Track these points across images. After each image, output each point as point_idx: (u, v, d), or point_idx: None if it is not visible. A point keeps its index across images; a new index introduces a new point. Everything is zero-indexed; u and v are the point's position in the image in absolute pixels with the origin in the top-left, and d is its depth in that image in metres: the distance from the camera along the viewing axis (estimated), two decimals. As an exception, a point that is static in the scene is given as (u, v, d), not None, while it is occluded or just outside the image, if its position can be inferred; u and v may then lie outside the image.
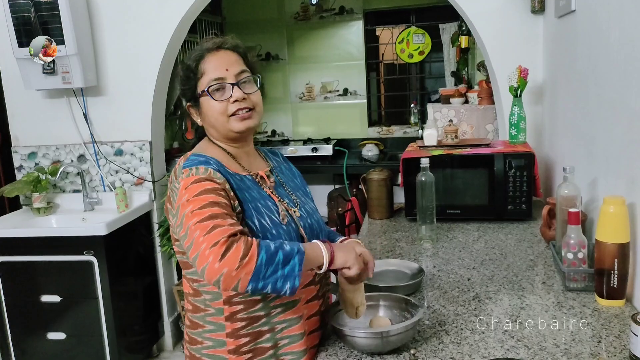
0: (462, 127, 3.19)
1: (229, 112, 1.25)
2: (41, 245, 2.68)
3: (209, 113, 1.27)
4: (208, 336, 1.26)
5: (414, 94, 4.64)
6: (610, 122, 1.59)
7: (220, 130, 1.28)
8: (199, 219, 1.10)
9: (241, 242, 1.07)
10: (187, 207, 1.14)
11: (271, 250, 1.09)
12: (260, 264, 1.07)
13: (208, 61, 1.26)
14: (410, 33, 4.36)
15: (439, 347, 1.24)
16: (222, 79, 1.25)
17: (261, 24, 4.50)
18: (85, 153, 3.07)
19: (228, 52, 1.28)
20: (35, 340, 2.79)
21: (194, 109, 1.32)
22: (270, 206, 1.26)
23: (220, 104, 1.25)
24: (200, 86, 1.27)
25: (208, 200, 1.13)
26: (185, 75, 1.29)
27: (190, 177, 1.17)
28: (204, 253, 1.06)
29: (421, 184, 1.90)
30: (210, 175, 1.18)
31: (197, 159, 1.23)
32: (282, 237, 1.22)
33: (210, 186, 1.15)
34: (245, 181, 1.27)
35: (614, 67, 1.55)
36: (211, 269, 1.05)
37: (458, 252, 1.87)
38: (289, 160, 1.56)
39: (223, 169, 1.23)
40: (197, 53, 1.28)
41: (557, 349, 1.20)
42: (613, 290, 1.38)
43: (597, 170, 1.71)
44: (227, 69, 1.26)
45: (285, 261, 1.10)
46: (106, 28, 2.94)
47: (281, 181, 1.38)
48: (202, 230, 1.09)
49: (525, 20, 2.59)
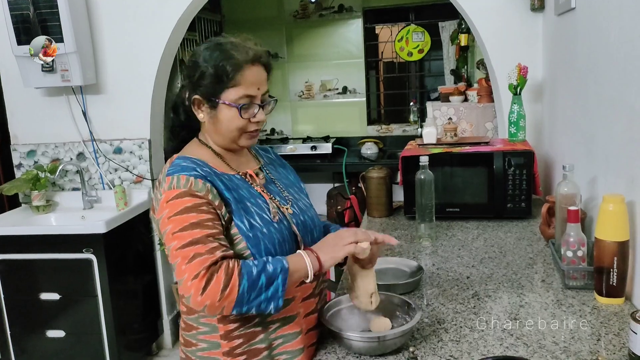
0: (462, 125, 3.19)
1: (246, 130, 1.24)
2: (40, 243, 2.68)
3: (226, 123, 1.23)
4: (202, 338, 1.24)
5: (413, 92, 4.64)
6: (609, 120, 1.59)
7: (225, 140, 1.26)
8: (179, 244, 1.10)
9: (222, 273, 1.06)
10: (167, 225, 1.12)
11: (253, 276, 1.09)
12: (242, 292, 1.07)
13: (245, 74, 1.21)
14: (410, 31, 4.36)
15: (438, 345, 1.24)
16: (254, 97, 1.23)
17: (260, 22, 4.50)
18: (85, 151, 3.07)
19: (261, 69, 1.24)
20: (35, 338, 2.79)
21: (205, 106, 1.25)
22: (260, 204, 1.24)
23: (244, 121, 1.23)
24: (227, 94, 1.21)
25: (189, 222, 1.11)
26: (216, 74, 1.20)
27: (171, 191, 1.15)
28: (186, 284, 1.07)
29: (420, 182, 1.90)
30: (191, 189, 1.14)
31: (181, 164, 1.19)
32: (273, 235, 1.21)
33: (191, 202, 1.13)
34: (233, 180, 1.25)
35: (613, 65, 1.55)
36: (194, 301, 1.07)
37: (457, 250, 1.87)
38: (284, 158, 1.55)
39: (209, 170, 1.21)
40: (236, 59, 1.20)
41: (557, 346, 1.21)
42: (612, 289, 1.38)
43: (596, 169, 1.71)
44: (258, 88, 1.23)
45: (268, 283, 1.10)
46: (105, 26, 2.93)
47: (272, 178, 1.36)
48: (183, 259, 1.08)
49: (525, 18, 2.59)
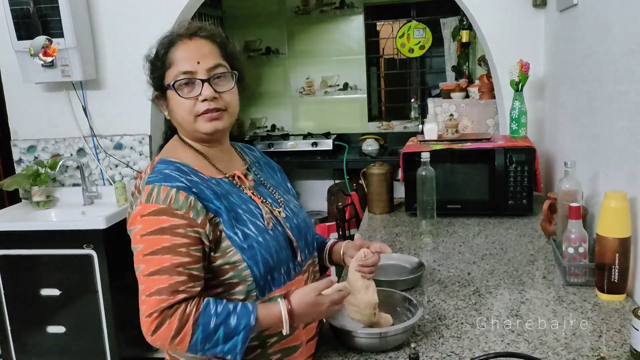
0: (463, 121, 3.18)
1: (197, 112, 1.12)
2: (41, 238, 2.68)
3: (175, 109, 1.14)
4: (191, 356, 1.11)
5: (414, 88, 4.63)
6: (611, 116, 1.58)
7: (187, 130, 1.16)
8: (146, 269, 1.03)
9: (175, 319, 1.00)
10: (138, 243, 1.05)
11: (209, 328, 1.01)
12: (195, 342, 1.01)
13: (179, 50, 1.12)
14: (411, 27, 4.34)
15: (439, 341, 1.24)
16: (192, 72, 1.11)
17: (261, 18, 4.48)
18: (85, 147, 3.07)
19: (202, 42, 1.13)
20: (35, 334, 2.79)
21: (161, 100, 1.18)
22: (252, 210, 1.15)
23: (188, 101, 1.11)
24: (167, 77, 1.13)
25: (161, 245, 1.02)
26: (152, 62, 1.16)
27: (148, 205, 1.04)
28: (141, 317, 1.02)
29: (421, 178, 1.90)
30: (170, 206, 1.03)
31: (163, 171, 1.09)
32: (269, 243, 1.13)
33: (168, 223, 1.03)
34: (222, 185, 1.15)
35: (615, 61, 1.54)
36: (146, 336, 1.03)
37: (458, 246, 1.87)
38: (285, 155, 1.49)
39: (196, 178, 1.11)
40: (167, 39, 1.14)
41: (558, 343, 1.20)
42: (614, 285, 1.38)
43: (598, 165, 1.70)
44: (198, 62, 1.11)
45: (226, 338, 1.02)
46: (105, 21, 2.92)
47: (261, 179, 1.27)
48: (145, 288, 1.02)
49: (527, 14, 2.58)
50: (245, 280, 1.10)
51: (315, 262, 1.31)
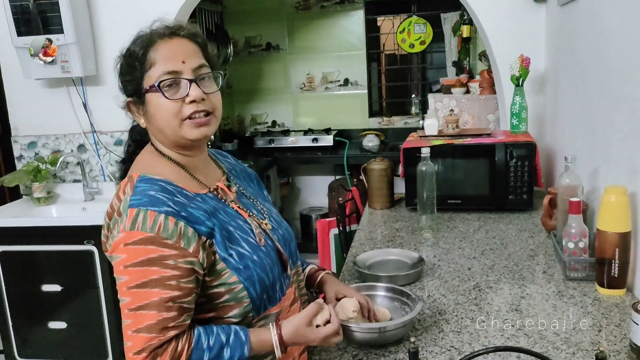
0: (463, 117, 3.18)
1: (183, 115, 1.03)
2: (42, 234, 2.68)
3: (158, 114, 1.03)
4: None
5: (415, 84, 4.62)
6: (612, 111, 1.58)
7: (170, 136, 1.06)
8: (133, 304, 0.94)
9: (166, 356, 0.93)
10: (122, 274, 0.96)
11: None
12: None
13: (160, 49, 1.03)
14: (412, 23, 4.33)
15: (439, 336, 1.24)
16: (178, 72, 1.02)
17: (262, 14, 4.47)
18: (85, 143, 3.07)
19: (184, 41, 1.06)
20: (37, 330, 2.79)
21: (137, 106, 1.07)
22: (242, 226, 1.09)
23: (174, 103, 1.02)
24: (147, 79, 1.03)
25: (149, 278, 0.94)
26: (128, 63, 1.05)
27: (133, 232, 0.95)
28: (128, 354, 0.95)
29: (422, 173, 1.90)
30: (159, 234, 0.95)
31: (147, 192, 0.99)
32: (263, 261, 1.07)
33: (156, 254, 0.94)
34: (208, 201, 1.06)
35: (616, 56, 1.54)
36: None
37: (458, 241, 1.87)
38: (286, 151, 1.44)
39: (181, 199, 1.01)
40: (146, 37, 1.04)
41: (557, 337, 1.20)
42: (614, 280, 1.38)
43: (598, 160, 1.70)
44: (183, 61, 1.03)
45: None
46: (105, 17, 2.92)
47: (241, 189, 1.19)
48: (132, 322, 0.94)
49: (528, 9, 2.57)
50: (241, 302, 1.04)
51: (298, 272, 1.26)
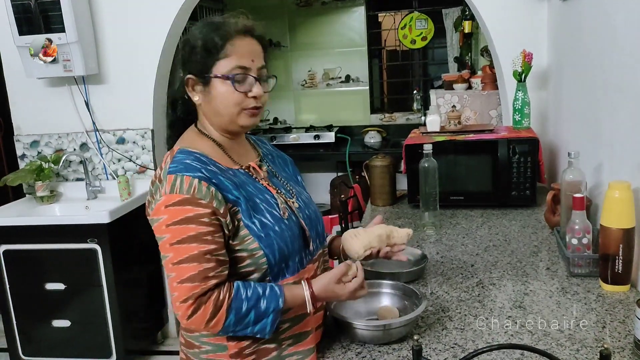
0: (466, 113, 3.17)
1: (244, 106, 1.17)
2: (45, 233, 2.69)
3: (221, 99, 1.16)
4: (206, 340, 1.18)
5: (416, 80, 4.61)
6: (615, 106, 1.57)
7: (224, 120, 1.18)
8: (175, 258, 1.06)
9: (210, 304, 1.05)
10: (164, 233, 1.07)
11: (242, 312, 1.07)
12: (227, 325, 1.07)
13: (236, 44, 1.14)
14: (413, 18, 4.32)
15: (443, 333, 1.24)
16: (247, 69, 1.15)
17: (262, 11, 4.46)
18: (88, 141, 3.07)
19: (254, 42, 1.18)
20: (41, 328, 2.80)
21: (197, 85, 1.18)
22: (268, 200, 1.19)
23: (239, 95, 1.15)
24: (218, 67, 1.14)
25: (187, 234, 1.05)
26: (205, 47, 1.15)
27: (172, 195, 1.07)
28: (175, 303, 1.07)
29: (424, 170, 1.89)
30: (194, 195, 1.06)
31: (184, 161, 1.11)
32: (284, 233, 1.16)
33: (193, 213, 1.06)
34: (239, 176, 1.18)
35: (619, 50, 1.53)
36: (181, 321, 1.08)
37: (461, 238, 1.87)
38: (288, 148, 1.53)
39: (214, 168, 1.14)
40: (225, 30, 1.15)
41: (561, 334, 1.20)
42: (617, 276, 1.37)
43: (602, 155, 1.69)
44: (253, 60, 1.16)
45: (257, 320, 1.08)
46: (107, 15, 2.91)
47: (273, 170, 1.30)
48: (176, 275, 1.06)
49: (530, 4, 2.56)
50: (261, 267, 1.14)
51: (325, 253, 1.33)
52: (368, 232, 1.30)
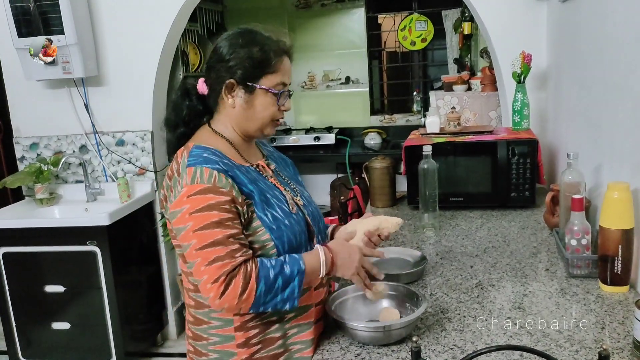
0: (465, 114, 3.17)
1: (275, 117, 1.26)
2: (44, 235, 2.69)
3: (260, 109, 1.24)
4: (215, 332, 1.24)
5: (416, 81, 4.61)
6: (614, 107, 1.57)
7: (254, 127, 1.26)
8: (200, 243, 1.10)
9: (240, 277, 1.08)
10: (187, 221, 1.11)
11: (270, 279, 1.11)
12: (259, 295, 1.10)
13: (284, 62, 1.25)
14: (413, 20, 4.32)
15: (442, 334, 1.24)
16: (286, 86, 1.26)
17: (262, 12, 4.46)
18: (87, 143, 3.07)
19: (289, 60, 1.28)
20: (40, 330, 2.80)
21: (240, 91, 1.23)
22: (278, 196, 1.26)
23: (276, 108, 1.25)
24: (265, 80, 1.22)
25: (210, 220, 1.10)
26: (260, 58, 1.21)
27: (194, 185, 1.12)
28: (205, 286, 1.09)
29: (424, 171, 1.89)
30: (215, 184, 1.13)
31: (202, 155, 1.17)
32: (294, 227, 1.23)
33: (214, 200, 1.11)
34: (251, 172, 1.25)
35: (618, 51, 1.53)
36: (213, 303, 1.10)
37: (461, 239, 1.86)
38: (288, 149, 1.57)
39: (229, 162, 1.20)
40: (279, 47, 1.24)
41: (561, 335, 1.20)
42: (617, 277, 1.37)
43: (601, 156, 1.69)
44: (289, 77, 1.27)
45: (285, 285, 1.12)
46: (106, 17, 2.92)
47: (277, 170, 1.37)
48: (203, 259, 1.09)
49: (529, 5, 2.56)
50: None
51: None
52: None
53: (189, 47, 3.58)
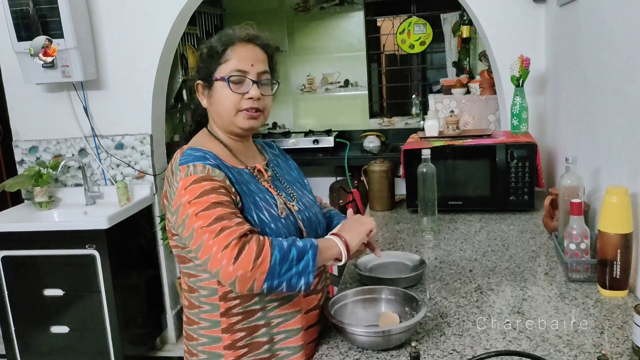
0: (464, 117, 3.18)
1: (240, 107, 1.24)
2: (43, 239, 2.69)
3: (220, 101, 1.25)
4: (203, 333, 1.25)
5: (415, 84, 4.62)
6: (613, 111, 1.57)
7: (224, 121, 1.27)
8: (205, 222, 1.10)
9: (253, 243, 1.08)
10: (188, 208, 1.12)
11: (284, 248, 1.10)
12: (274, 263, 1.08)
13: (237, 50, 1.24)
14: (411, 23, 4.33)
15: (441, 339, 1.24)
16: (245, 72, 1.23)
17: (261, 16, 4.47)
18: (86, 147, 3.07)
19: (257, 48, 1.27)
20: (39, 334, 2.80)
21: (204, 89, 1.29)
22: (268, 200, 1.25)
23: (235, 96, 1.23)
24: (220, 71, 1.24)
25: (210, 202, 1.12)
26: (209, 54, 1.26)
27: (189, 177, 1.15)
28: (215, 256, 1.07)
29: (422, 175, 1.89)
30: (209, 174, 1.15)
31: (194, 155, 1.20)
32: (280, 231, 1.22)
33: (210, 186, 1.14)
34: (243, 175, 1.25)
35: (617, 56, 1.54)
36: (225, 272, 1.06)
37: (460, 243, 1.86)
38: (287, 152, 1.56)
39: (220, 163, 1.21)
40: (228, 37, 1.26)
41: (560, 340, 1.20)
42: (616, 281, 1.37)
43: (599, 160, 1.69)
44: (252, 64, 1.24)
45: (299, 257, 1.11)
46: (105, 21, 2.92)
47: (277, 175, 1.37)
48: (210, 234, 1.09)
49: (527, 9, 2.57)
50: None
51: None
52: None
53: (188, 51, 3.58)
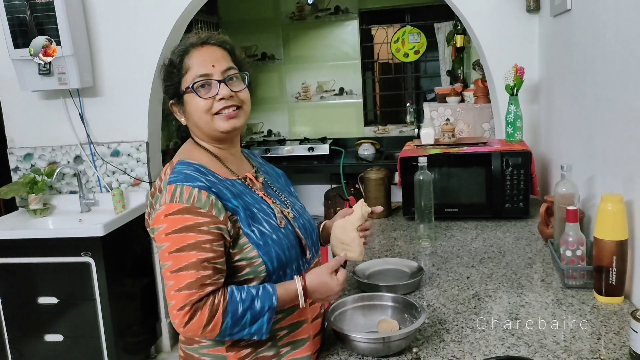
0: (459, 125, 3.20)
1: (214, 110, 1.18)
2: (38, 246, 2.67)
3: (193, 111, 1.19)
4: (205, 352, 1.19)
5: (409, 93, 4.65)
6: (607, 119, 1.60)
7: (205, 130, 1.21)
8: (174, 266, 1.07)
9: (206, 310, 1.06)
10: (163, 241, 1.09)
11: (238, 314, 1.08)
12: (224, 328, 1.08)
13: (193, 56, 1.19)
14: (406, 32, 4.37)
15: (440, 345, 1.25)
16: (208, 75, 1.18)
17: (257, 24, 4.50)
18: (82, 154, 3.06)
19: (214, 48, 1.22)
20: (33, 342, 2.77)
21: (178, 107, 1.24)
22: (265, 210, 1.21)
23: (206, 101, 1.18)
24: (184, 83, 1.19)
25: (187, 242, 1.07)
26: (168, 71, 1.22)
27: (172, 204, 1.09)
28: (172, 311, 1.08)
29: (419, 182, 1.91)
30: (194, 205, 1.08)
31: (183, 171, 1.14)
32: (282, 241, 1.19)
33: (192, 221, 1.08)
34: (237, 186, 1.21)
35: (610, 64, 1.56)
36: (178, 329, 1.08)
37: (457, 250, 1.88)
38: (282, 160, 1.55)
39: (213, 178, 1.16)
40: (181, 48, 1.21)
41: (557, 346, 1.21)
42: (612, 287, 1.39)
43: (594, 168, 1.71)
44: (213, 65, 1.19)
45: (253, 321, 1.09)
46: (102, 28, 2.93)
47: (268, 182, 1.33)
48: (175, 283, 1.07)
49: (521, 19, 2.60)
50: (259, 275, 1.15)
51: (320, 262, 1.35)
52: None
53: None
